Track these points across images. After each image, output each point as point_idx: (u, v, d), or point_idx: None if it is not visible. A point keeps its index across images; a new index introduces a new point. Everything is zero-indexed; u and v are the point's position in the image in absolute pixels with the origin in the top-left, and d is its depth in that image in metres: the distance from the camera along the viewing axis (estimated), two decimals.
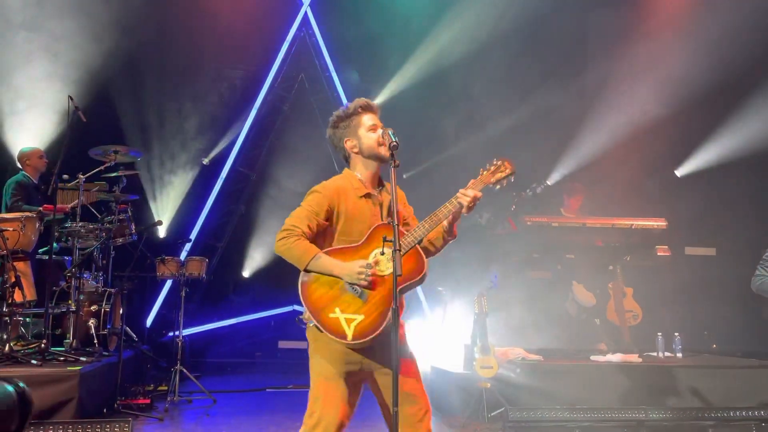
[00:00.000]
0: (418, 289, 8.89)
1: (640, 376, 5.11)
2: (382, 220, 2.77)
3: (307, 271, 2.62)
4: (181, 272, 6.19)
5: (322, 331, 2.55)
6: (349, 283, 2.58)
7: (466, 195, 2.70)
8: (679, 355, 5.75)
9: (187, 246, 7.90)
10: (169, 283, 8.16)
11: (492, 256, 6.88)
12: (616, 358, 5.45)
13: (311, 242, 2.65)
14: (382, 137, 2.75)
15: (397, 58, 8.91)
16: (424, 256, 2.68)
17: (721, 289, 7.16)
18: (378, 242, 2.65)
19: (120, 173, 5.90)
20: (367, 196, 2.78)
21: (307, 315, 2.61)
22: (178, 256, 6.97)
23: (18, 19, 7.44)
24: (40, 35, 7.46)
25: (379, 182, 2.88)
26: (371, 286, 2.59)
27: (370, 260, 2.63)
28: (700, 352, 6.34)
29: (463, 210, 2.72)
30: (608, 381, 5.09)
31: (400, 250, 2.47)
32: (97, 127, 6.29)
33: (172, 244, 7.75)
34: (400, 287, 2.57)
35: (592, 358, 5.54)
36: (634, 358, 5.47)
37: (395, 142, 2.64)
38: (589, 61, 8.54)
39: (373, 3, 8.85)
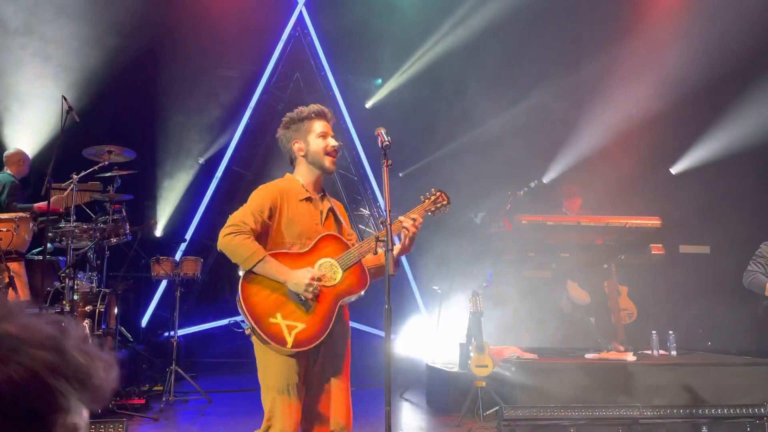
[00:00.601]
0: (414, 287, 8.92)
1: (635, 374, 5.13)
2: (321, 225, 2.78)
3: (251, 272, 2.59)
4: (176, 272, 6.18)
5: (264, 339, 2.55)
6: (294, 292, 2.58)
7: (409, 218, 2.73)
8: (674, 353, 5.77)
9: (183, 246, 7.88)
10: (164, 283, 8.14)
11: (487, 255, 6.89)
12: (610, 356, 5.47)
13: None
14: (333, 147, 2.80)
15: (392, 56, 8.92)
16: (367, 271, 2.74)
17: (716, 287, 7.19)
18: (324, 251, 2.69)
19: (114, 173, 5.89)
20: (308, 200, 2.79)
21: (248, 324, 2.58)
22: (173, 256, 6.96)
23: (12, 23, 7.42)
24: (33, 38, 7.45)
25: (321, 189, 2.89)
26: (316, 297, 2.60)
27: (315, 270, 2.63)
28: (695, 350, 6.37)
29: (408, 232, 2.70)
30: (603, 379, 5.10)
31: (392, 250, 2.48)
32: (91, 128, 6.28)
33: (167, 244, 7.74)
34: (343, 299, 2.66)
35: (587, 356, 5.55)
36: (629, 355, 5.48)
37: (387, 141, 2.64)
38: (583, 59, 8.54)
39: (368, 1, 8.86)
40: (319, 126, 2.83)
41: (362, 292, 2.69)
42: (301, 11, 9.35)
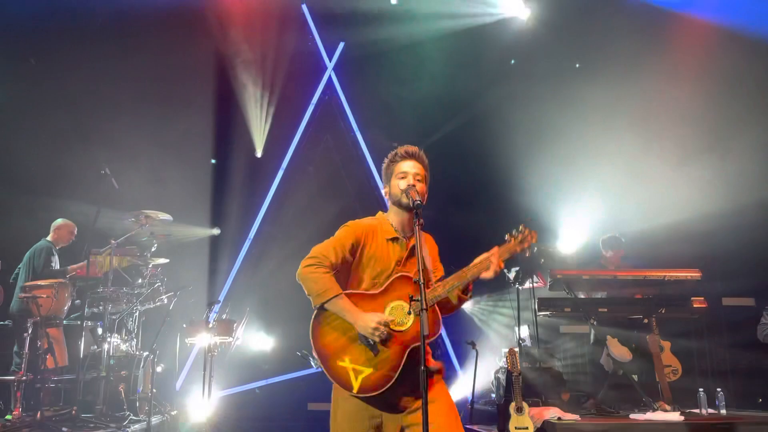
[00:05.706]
0: (448, 345, 8.74)
1: None
2: (404, 266, 2.77)
3: (322, 308, 2.62)
4: (209, 334, 6.19)
5: (330, 379, 2.57)
6: (362, 334, 2.58)
7: (492, 263, 2.70)
8: (723, 411, 5.50)
9: (216, 307, 7.91)
10: (198, 346, 8.13)
11: (522, 310, 6.76)
12: (657, 416, 5.23)
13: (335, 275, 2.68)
14: (407, 188, 2.78)
15: (418, 121, 9.00)
16: (440, 315, 2.68)
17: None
18: (396, 293, 2.65)
19: (150, 237, 6.01)
20: (395, 240, 2.81)
21: (316, 362, 2.62)
22: (207, 318, 6.98)
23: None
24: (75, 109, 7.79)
25: (410, 230, 2.87)
26: (385, 342, 2.58)
27: (386, 313, 2.62)
28: (746, 408, 6.06)
29: (486, 274, 2.71)
30: None
31: (426, 310, 2.42)
32: (128, 193, 6.46)
33: (201, 307, 7.77)
34: (413, 344, 2.59)
35: (632, 416, 5.33)
36: (676, 415, 5.24)
37: (419, 200, 2.66)
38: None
39: (394, 63, 9.06)
40: (401, 167, 2.87)
41: (435, 336, 2.63)
42: (330, 75, 9.63)
